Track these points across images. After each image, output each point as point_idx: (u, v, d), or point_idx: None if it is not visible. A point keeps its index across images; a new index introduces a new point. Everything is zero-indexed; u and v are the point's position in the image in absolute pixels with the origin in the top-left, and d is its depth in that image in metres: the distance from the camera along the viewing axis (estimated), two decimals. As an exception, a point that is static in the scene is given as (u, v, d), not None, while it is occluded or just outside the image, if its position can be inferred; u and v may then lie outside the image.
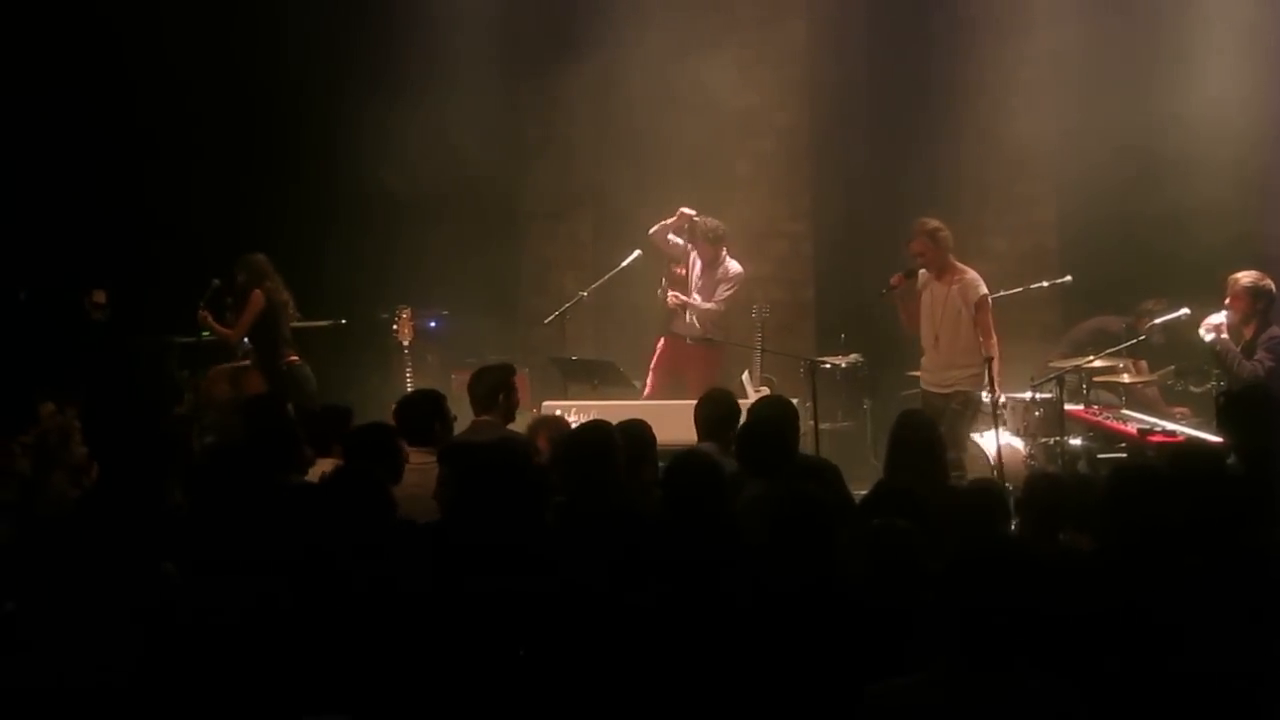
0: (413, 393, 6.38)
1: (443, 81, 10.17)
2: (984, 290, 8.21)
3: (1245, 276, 7.90)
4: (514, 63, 10.81)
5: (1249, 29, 9.67)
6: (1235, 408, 6.03)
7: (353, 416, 6.26)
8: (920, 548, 3.93)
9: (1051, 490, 4.98)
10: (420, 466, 5.36)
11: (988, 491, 5.06)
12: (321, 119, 10.10)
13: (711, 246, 9.17)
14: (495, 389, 6.46)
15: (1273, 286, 7.85)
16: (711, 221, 9.19)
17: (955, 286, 8.19)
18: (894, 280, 8.28)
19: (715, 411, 6.08)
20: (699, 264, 9.29)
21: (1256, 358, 7.64)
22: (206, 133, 10.28)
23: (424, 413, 5.93)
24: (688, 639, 3.75)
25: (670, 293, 9.25)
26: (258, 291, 9.12)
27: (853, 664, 3.54)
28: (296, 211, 9.82)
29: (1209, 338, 7.83)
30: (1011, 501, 5.33)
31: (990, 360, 7.87)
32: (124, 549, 4.25)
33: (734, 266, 9.30)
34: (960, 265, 8.30)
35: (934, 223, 8.27)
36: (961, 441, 8.06)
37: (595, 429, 5.54)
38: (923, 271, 8.28)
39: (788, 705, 3.58)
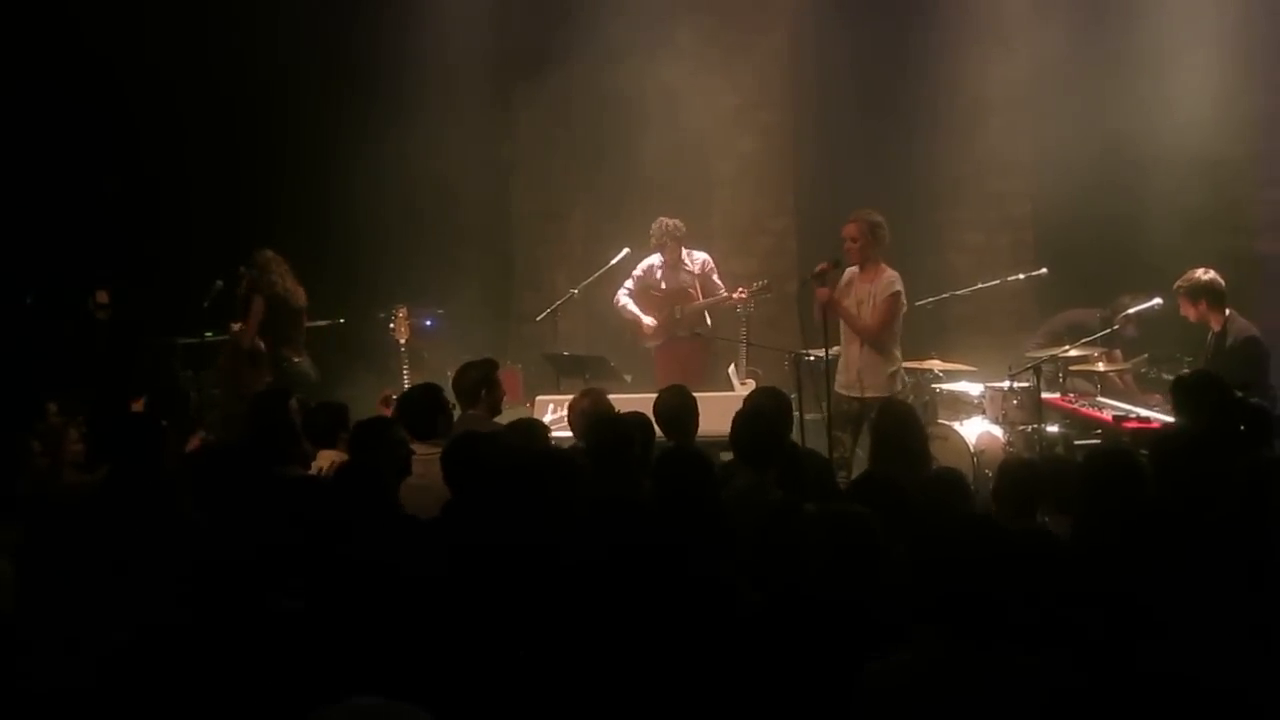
0: (411, 389, 6.46)
1: (437, 86, 10.40)
2: (898, 288, 7.87)
3: (1186, 281, 7.88)
4: (505, 67, 11.00)
5: (1218, 34, 9.87)
6: (1184, 392, 6.26)
7: (348, 412, 6.34)
8: (879, 533, 3.83)
9: (1025, 474, 5.15)
10: (425, 458, 5.43)
11: (947, 480, 5.05)
12: (322, 126, 10.26)
13: (676, 244, 9.53)
14: (478, 384, 6.65)
15: (1215, 275, 7.85)
16: (672, 222, 9.50)
17: (872, 285, 7.91)
18: (820, 267, 7.82)
19: (671, 412, 6.15)
20: (663, 268, 9.58)
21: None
22: (208, 136, 10.45)
23: (425, 407, 6.02)
24: (680, 628, 3.73)
25: (645, 323, 9.54)
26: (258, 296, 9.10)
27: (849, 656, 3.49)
28: (296, 214, 9.95)
29: None
30: (991, 486, 5.45)
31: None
32: (126, 544, 4.31)
33: (701, 254, 9.69)
34: (885, 267, 7.97)
35: (878, 216, 7.99)
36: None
37: (610, 423, 5.72)
38: (850, 269, 8.02)
39: (779, 695, 3.59)
